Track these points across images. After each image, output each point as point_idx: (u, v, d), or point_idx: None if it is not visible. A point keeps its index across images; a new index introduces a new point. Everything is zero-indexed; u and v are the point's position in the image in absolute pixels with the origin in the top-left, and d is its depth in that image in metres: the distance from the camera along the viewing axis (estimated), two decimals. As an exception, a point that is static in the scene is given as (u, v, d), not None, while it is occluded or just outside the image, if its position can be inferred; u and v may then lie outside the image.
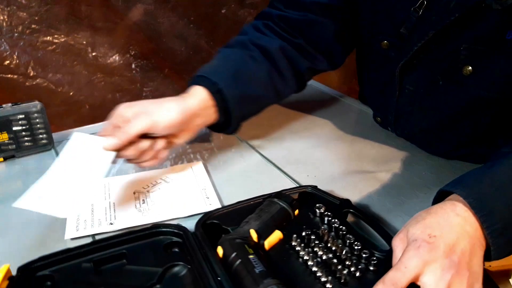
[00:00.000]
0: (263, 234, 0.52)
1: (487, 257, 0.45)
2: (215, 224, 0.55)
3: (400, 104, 0.74)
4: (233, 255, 0.47)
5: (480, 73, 0.60)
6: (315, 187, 0.62)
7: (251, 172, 0.73)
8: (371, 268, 0.48)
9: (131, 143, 0.61)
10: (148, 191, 0.67)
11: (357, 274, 0.47)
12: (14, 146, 0.76)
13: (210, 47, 1.55)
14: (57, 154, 0.78)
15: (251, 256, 0.46)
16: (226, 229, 0.54)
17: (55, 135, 0.81)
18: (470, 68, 0.60)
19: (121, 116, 0.62)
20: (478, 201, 0.45)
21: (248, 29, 0.79)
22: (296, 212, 0.57)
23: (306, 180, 0.70)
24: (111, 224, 0.59)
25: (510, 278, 0.50)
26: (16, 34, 1.26)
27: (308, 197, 0.61)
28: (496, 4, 0.52)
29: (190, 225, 0.55)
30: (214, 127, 0.73)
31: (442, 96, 0.66)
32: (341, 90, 1.00)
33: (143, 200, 0.65)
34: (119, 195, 0.66)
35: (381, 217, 0.61)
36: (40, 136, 0.77)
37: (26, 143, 0.76)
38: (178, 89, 1.55)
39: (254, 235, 0.51)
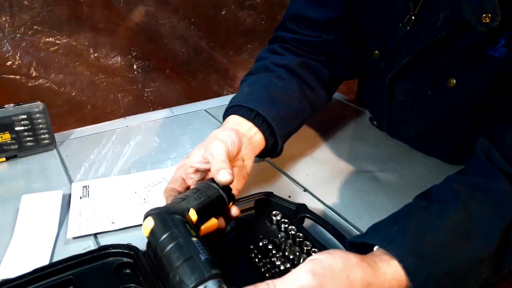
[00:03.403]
0: (202, 218, 0.46)
1: None
2: None
3: (392, 112, 0.76)
4: (168, 233, 0.39)
5: (463, 85, 0.62)
6: (270, 193, 0.61)
7: (250, 171, 0.73)
8: None
9: None
10: (149, 190, 0.67)
11: None
12: (16, 146, 0.76)
13: (211, 48, 1.56)
14: (59, 154, 0.79)
15: (194, 239, 0.39)
16: None
17: (57, 135, 0.82)
18: (454, 80, 0.62)
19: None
20: (416, 267, 0.41)
21: (264, 54, 0.79)
22: (230, 205, 0.52)
23: (305, 179, 0.71)
24: (113, 223, 0.60)
25: None
26: (18, 35, 1.27)
27: (264, 204, 0.60)
28: (481, 26, 0.53)
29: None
30: (262, 153, 0.68)
31: (431, 106, 0.68)
32: (340, 90, 1.00)
33: (144, 199, 0.65)
34: (120, 194, 0.67)
35: (380, 216, 0.62)
36: (42, 136, 0.78)
37: (28, 143, 0.77)
38: (179, 90, 1.56)
39: (194, 216, 0.44)
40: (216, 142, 0.54)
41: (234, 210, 0.53)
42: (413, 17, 0.63)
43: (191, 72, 1.57)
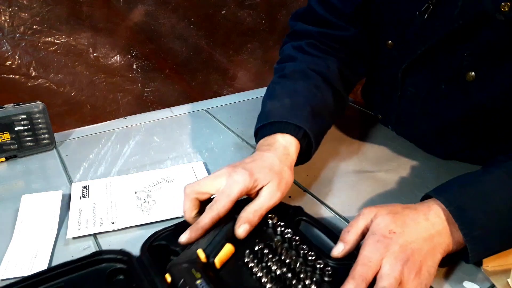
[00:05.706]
0: (212, 252, 0.49)
1: (464, 259, 0.50)
2: (162, 245, 0.52)
3: (401, 105, 0.74)
4: (181, 282, 0.45)
5: (483, 80, 0.60)
6: None
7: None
8: (326, 279, 0.47)
9: None
10: (149, 191, 0.67)
11: (312, 287, 0.46)
12: (16, 146, 0.76)
13: (210, 48, 1.56)
14: (59, 154, 0.79)
15: (198, 282, 0.44)
16: (174, 250, 0.51)
17: (57, 135, 0.82)
18: (473, 74, 0.60)
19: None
20: (459, 210, 0.48)
21: (292, 52, 0.76)
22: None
23: (305, 179, 0.71)
24: (113, 223, 0.60)
25: (508, 278, 0.50)
26: (17, 35, 1.26)
27: None
28: (499, 15, 0.52)
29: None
30: None
31: (444, 101, 0.66)
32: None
33: (144, 199, 0.65)
34: (120, 195, 0.66)
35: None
36: (42, 136, 0.78)
37: (28, 143, 0.77)
38: (179, 90, 1.56)
39: (201, 255, 0.48)
40: (272, 191, 0.55)
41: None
42: (430, 6, 0.62)
43: (191, 71, 1.56)
